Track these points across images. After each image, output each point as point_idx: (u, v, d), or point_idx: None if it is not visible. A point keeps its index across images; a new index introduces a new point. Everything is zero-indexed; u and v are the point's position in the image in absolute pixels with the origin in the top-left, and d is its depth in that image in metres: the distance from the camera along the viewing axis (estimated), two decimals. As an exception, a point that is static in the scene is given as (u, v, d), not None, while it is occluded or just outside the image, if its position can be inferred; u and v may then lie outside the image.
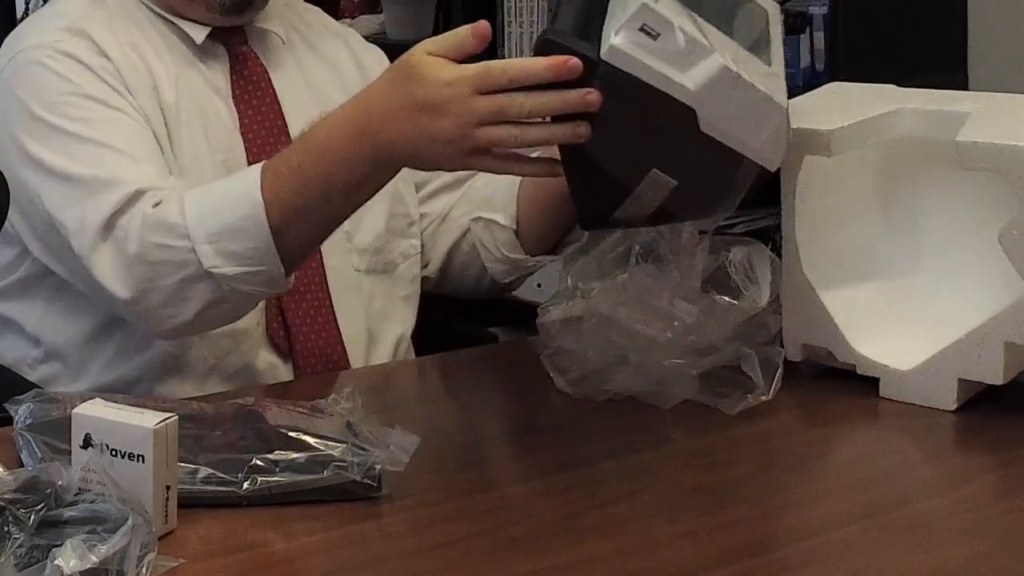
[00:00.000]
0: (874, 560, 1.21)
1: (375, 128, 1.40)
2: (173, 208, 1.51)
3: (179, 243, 1.50)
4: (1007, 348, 1.47)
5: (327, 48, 1.84)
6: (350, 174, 1.43)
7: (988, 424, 1.48)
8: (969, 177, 1.52)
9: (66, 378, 1.68)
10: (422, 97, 1.35)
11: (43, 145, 1.59)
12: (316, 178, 1.45)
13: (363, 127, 1.41)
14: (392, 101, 1.38)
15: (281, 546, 1.23)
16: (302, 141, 1.49)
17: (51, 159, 1.58)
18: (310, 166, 1.45)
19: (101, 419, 1.22)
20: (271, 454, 1.30)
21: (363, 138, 1.41)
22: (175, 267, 1.50)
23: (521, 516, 1.29)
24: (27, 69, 1.64)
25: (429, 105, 1.35)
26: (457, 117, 1.34)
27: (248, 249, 1.49)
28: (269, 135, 1.72)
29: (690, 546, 1.23)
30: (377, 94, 1.41)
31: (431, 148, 1.36)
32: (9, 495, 1.13)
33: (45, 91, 1.62)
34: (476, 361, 1.72)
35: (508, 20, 3.33)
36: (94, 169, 1.56)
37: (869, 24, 2.84)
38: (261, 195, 1.48)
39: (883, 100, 1.62)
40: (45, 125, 1.60)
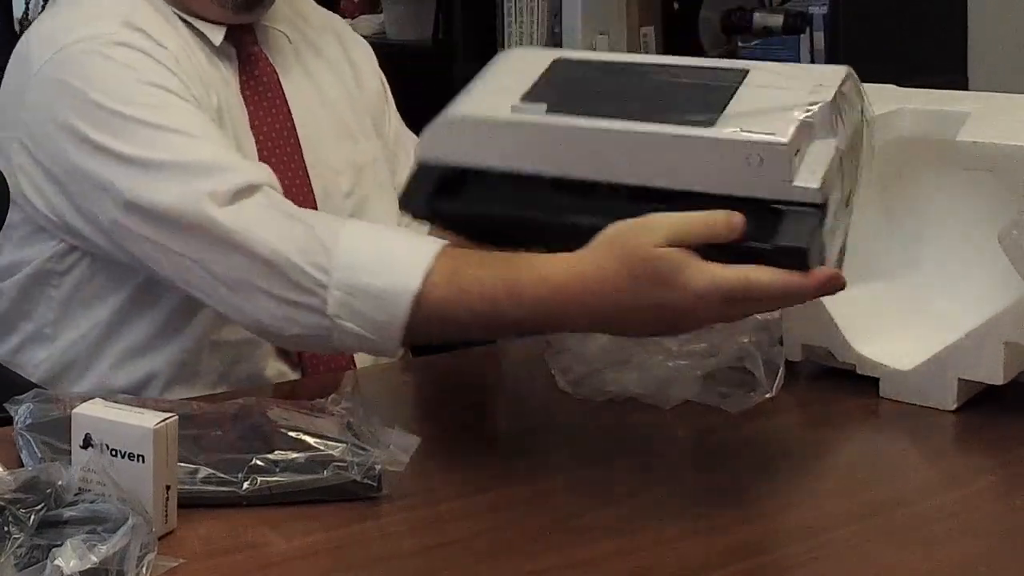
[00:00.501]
0: (874, 560, 1.21)
1: (607, 312, 1.31)
2: (328, 231, 1.46)
3: (316, 273, 1.43)
4: (1007, 348, 1.47)
5: (321, 43, 1.84)
6: (541, 328, 1.40)
7: (988, 424, 1.48)
8: (969, 177, 1.52)
9: (71, 379, 1.67)
10: (670, 303, 1.27)
11: (109, 133, 1.53)
12: (501, 316, 1.36)
13: (593, 309, 1.31)
14: (635, 301, 1.29)
15: (281, 546, 1.23)
16: (508, 270, 1.36)
17: (120, 146, 1.52)
18: (503, 301, 1.35)
19: (101, 419, 1.22)
20: (271, 454, 1.30)
21: (585, 313, 1.32)
22: (298, 289, 1.44)
23: (521, 516, 1.28)
24: (82, 59, 1.58)
25: (675, 312, 1.28)
26: (701, 321, 1.32)
27: (376, 321, 1.42)
28: (279, 136, 1.71)
29: (690, 546, 1.23)
30: (618, 287, 1.29)
31: (664, 335, 1.42)
32: (9, 495, 1.13)
33: (106, 79, 1.56)
34: (476, 361, 1.72)
35: (508, 20, 3.32)
36: (177, 155, 1.51)
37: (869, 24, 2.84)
38: (421, 284, 1.39)
39: (883, 100, 1.62)
40: (108, 112, 1.54)
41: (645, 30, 3.27)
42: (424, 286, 1.39)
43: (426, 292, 1.39)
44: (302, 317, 1.45)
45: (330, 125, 1.78)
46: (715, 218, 1.27)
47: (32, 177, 1.59)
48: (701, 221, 1.27)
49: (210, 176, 1.48)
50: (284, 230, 1.46)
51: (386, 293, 1.41)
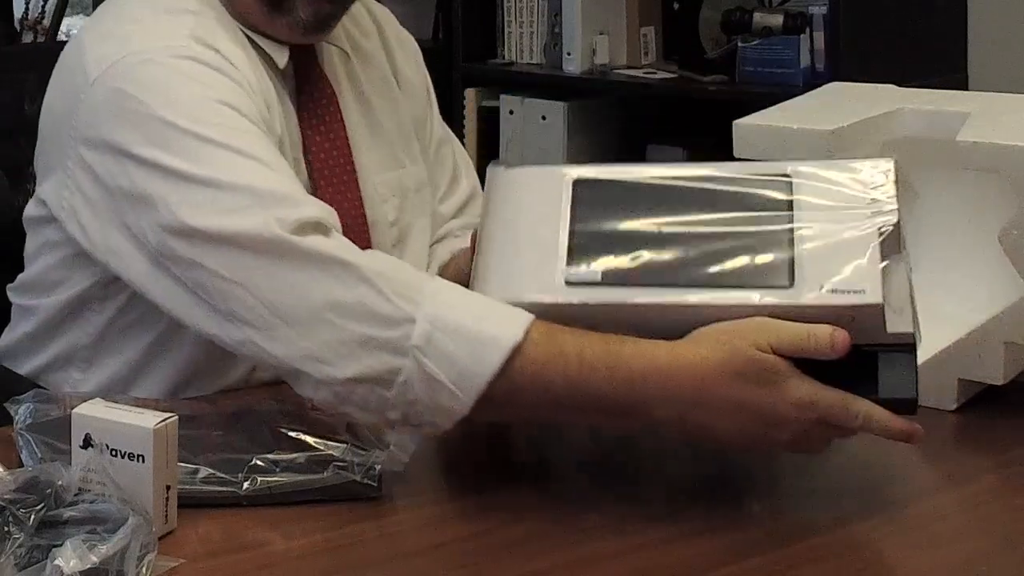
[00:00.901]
0: (875, 560, 1.21)
1: (704, 404, 1.27)
2: (410, 269, 1.37)
3: (403, 303, 1.30)
4: (1007, 348, 1.48)
5: (369, 47, 1.75)
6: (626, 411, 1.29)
7: (988, 424, 1.48)
8: (969, 177, 1.52)
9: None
10: (769, 408, 1.26)
11: (170, 150, 1.41)
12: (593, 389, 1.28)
13: (689, 398, 1.27)
14: (735, 397, 1.26)
15: (281, 546, 1.23)
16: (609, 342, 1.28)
17: (180, 164, 1.40)
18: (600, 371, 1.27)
19: (101, 419, 1.22)
20: (271, 454, 1.30)
21: (680, 400, 1.27)
22: (378, 321, 1.30)
23: (521, 516, 1.28)
24: (148, 70, 1.47)
25: (771, 418, 1.26)
26: (793, 435, 1.27)
27: (463, 367, 1.28)
28: (336, 164, 1.63)
29: (690, 546, 1.23)
30: (721, 381, 1.26)
31: (757, 445, 1.31)
32: (9, 495, 1.13)
33: (174, 93, 1.45)
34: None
35: (508, 20, 3.33)
36: (250, 180, 1.39)
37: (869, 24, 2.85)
38: (523, 334, 1.28)
39: (883, 100, 1.62)
40: (173, 129, 1.42)
41: (645, 30, 3.27)
42: (525, 337, 1.28)
43: (525, 345, 1.28)
44: (370, 354, 1.30)
45: (379, 149, 1.70)
46: (818, 332, 1.26)
47: (81, 188, 1.49)
48: (805, 333, 1.26)
49: (281, 206, 1.37)
50: (364, 262, 1.34)
51: (483, 336, 1.28)
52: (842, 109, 1.60)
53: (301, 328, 1.32)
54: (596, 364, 1.27)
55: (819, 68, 2.88)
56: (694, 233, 1.32)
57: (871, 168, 1.33)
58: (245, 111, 1.47)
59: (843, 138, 1.54)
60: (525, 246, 1.34)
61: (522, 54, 3.31)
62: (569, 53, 3.21)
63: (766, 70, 2.94)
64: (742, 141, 1.57)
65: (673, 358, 1.27)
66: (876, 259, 1.27)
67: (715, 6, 3.06)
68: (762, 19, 2.94)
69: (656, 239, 1.32)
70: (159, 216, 1.40)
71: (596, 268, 1.31)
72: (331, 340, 1.31)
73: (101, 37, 1.55)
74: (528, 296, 1.31)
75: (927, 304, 1.56)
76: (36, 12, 3.98)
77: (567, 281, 1.31)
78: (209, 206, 1.38)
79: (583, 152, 3.23)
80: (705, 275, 1.29)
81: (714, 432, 1.28)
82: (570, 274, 1.31)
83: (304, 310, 1.32)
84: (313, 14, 1.58)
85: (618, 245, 1.32)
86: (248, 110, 1.47)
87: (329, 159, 1.64)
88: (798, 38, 2.89)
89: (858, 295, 1.26)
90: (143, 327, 1.56)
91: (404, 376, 1.29)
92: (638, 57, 3.25)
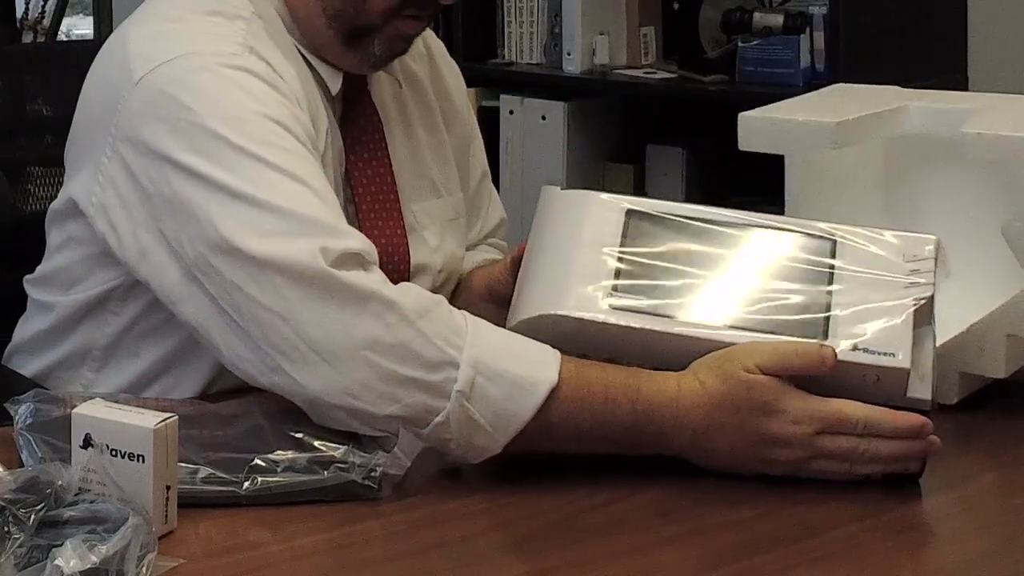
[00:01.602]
0: (874, 560, 1.21)
1: (709, 430, 1.33)
2: (448, 308, 1.36)
3: (445, 346, 1.31)
4: (1009, 341, 1.48)
5: (419, 73, 1.73)
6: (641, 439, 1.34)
7: (989, 423, 1.48)
8: (972, 173, 1.52)
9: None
10: (767, 432, 1.32)
11: (217, 162, 1.38)
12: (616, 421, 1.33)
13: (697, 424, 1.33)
14: (735, 422, 1.32)
15: (281, 546, 1.23)
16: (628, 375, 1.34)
17: (226, 178, 1.37)
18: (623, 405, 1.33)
19: (101, 419, 1.22)
20: (271, 454, 1.30)
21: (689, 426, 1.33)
22: (421, 364, 1.31)
23: (521, 516, 1.28)
24: (198, 75, 1.43)
25: (770, 437, 1.32)
26: (798, 451, 1.33)
27: (503, 410, 1.31)
28: (379, 191, 1.62)
29: (690, 546, 1.23)
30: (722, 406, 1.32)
31: (760, 467, 1.34)
32: (9, 495, 1.13)
33: (224, 102, 1.41)
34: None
35: (508, 20, 3.33)
36: (293, 203, 1.36)
37: (869, 24, 2.84)
38: (558, 376, 1.32)
39: (886, 100, 1.62)
40: (220, 140, 1.39)
41: (645, 30, 3.27)
42: (559, 378, 1.32)
43: (560, 387, 1.32)
44: (411, 395, 1.31)
45: (419, 177, 1.69)
46: (806, 348, 1.33)
47: (116, 185, 1.46)
48: (792, 349, 1.33)
49: (325, 235, 1.34)
50: (408, 302, 1.33)
51: (524, 381, 1.31)
52: (847, 106, 1.60)
53: (340, 365, 1.31)
54: (620, 399, 1.33)
55: (819, 68, 2.88)
56: (737, 276, 1.39)
57: (915, 241, 1.40)
58: (294, 130, 1.44)
59: (848, 131, 1.54)
60: (574, 265, 1.39)
61: (522, 54, 3.31)
62: (569, 53, 3.21)
63: (766, 70, 2.94)
64: (746, 133, 1.57)
65: (681, 389, 1.33)
66: (909, 327, 1.34)
67: (715, 6, 3.06)
68: (762, 19, 2.94)
69: (700, 276, 1.38)
70: (201, 229, 1.37)
71: (640, 295, 1.37)
72: (370, 379, 1.31)
73: (149, 36, 1.51)
74: (573, 312, 1.36)
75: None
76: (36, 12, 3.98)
77: (612, 305, 1.36)
78: (253, 226, 1.35)
79: (583, 152, 3.23)
80: (743, 318, 1.36)
81: (727, 456, 1.34)
82: (615, 297, 1.36)
83: (344, 347, 1.31)
84: (388, 50, 1.58)
85: (663, 277, 1.38)
86: (297, 129, 1.45)
87: (372, 185, 1.62)
88: (798, 38, 2.89)
89: (888, 357, 1.32)
90: (162, 335, 1.53)
91: (442, 418, 1.31)
92: (638, 57, 3.25)
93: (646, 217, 1.41)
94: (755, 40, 2.95)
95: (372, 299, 1.32)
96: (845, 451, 1.32)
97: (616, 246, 1.39)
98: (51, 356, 1.62)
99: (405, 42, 1.59)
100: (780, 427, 1.32)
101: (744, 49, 2.97)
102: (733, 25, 2.98)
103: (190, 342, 1.49)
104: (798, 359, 1.32)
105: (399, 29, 1.55)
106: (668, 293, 1.37)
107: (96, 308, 1.57)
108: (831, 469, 1.33)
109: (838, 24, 2.82)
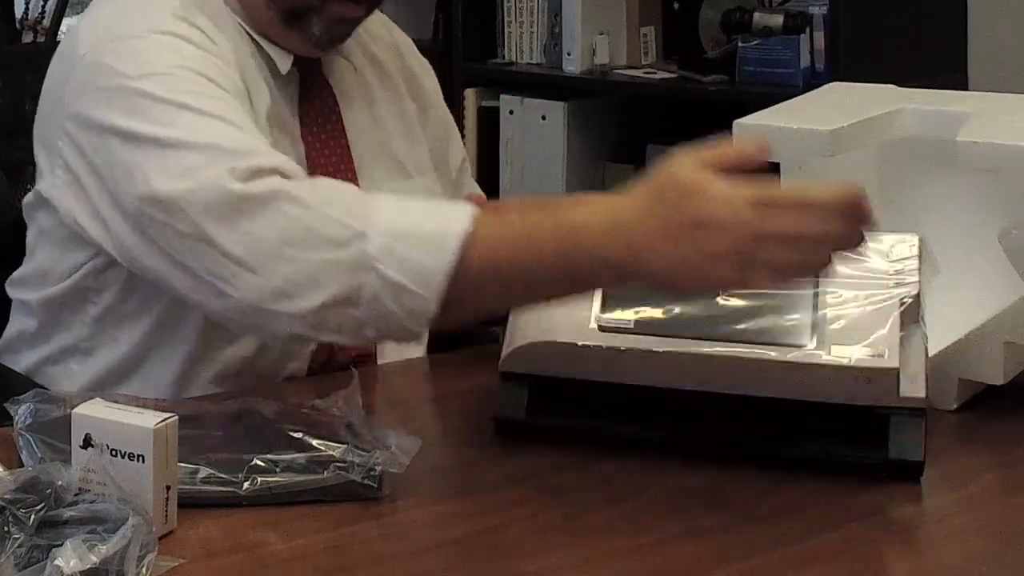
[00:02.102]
0: (874, 560, 1.21)
1: (635, 256, 1.25)
2: (355, 190, 1.42)
3: (351, 221, 1.33)
4: (1007, 348, 1.48)
5: (388, 64, 1.79)
6: (578, 273, 1.28)
7: (988, 424, 1.48)
8: (969, 177, 1.52)
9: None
10: (700, 215, 1.22)
11: (145, 118, 1.46)
12: (546, 260, 1.29)
13: (630, 237, 1.25)
14: (661, 224, 1.24)
15: (281, 546, 1.23)
16: (553, 210, 1.30)
17: (155, 130, 1.44)
18: (548, 243, 1.28)
19: (101, 419, 1.22)
20: (271, 454, 1.30)
21: (623, 242, 1.25)
22: (331, 244, 1.33)
23: (521, 516, 1.28)
24: (125, 45, 1.52)
25: (706, 223, 1.22)
26: (739, 235, 1.21)
27: (422, 266, 1.31)
28: (336, 171, 1.66)
29: (690, 546, 1.23)
30: (642, 218, 1.25)
31: (704, 266, 1.23)
32: (9, 495, 1.13)
33: (149, 63, 1.49)
34: (477, 361, 1.72)
35: (508, 20, 3.33)
36: (214, 138, 1.42)
37: (869, 24, 2.84)
38: (471, 223, 1.31)
39: (883, 100, 1.62)
40: (146, 97, 1.47)
41: (645, 30, 3.27)
42: (473, 225, 1.31)
43: (475, 231, 1.31)
44: (332, 277, 1.33)
45: (386, 160, 1.74)
46: (742, 144, 1.31)
47: (69, 164, 1.54)
48: (731, 148, 1.27)
49: (237, 157, 1.40)
50: (308, 192, 1.37)
51: (435, 234, 1.31)
52: (843, 109, 1.60)
53: (264, 270, 1.35)
54: (541, 223, 1.29)
55: (819, 68, 2.88)
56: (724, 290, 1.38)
57: (897, 241, 1.40)
58: (222, 84, 1.51)
59: (843, 138, 1.54)
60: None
61: (522, 54, 3.31)
62: (569, 53, 3.21)
63: (766, 70, 2.94)
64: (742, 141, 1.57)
65: (609, 199, 1.29)
66: (896, 327, 1.34)
67: (715, 6, 3.06)
68: (762, 19, 2.94)
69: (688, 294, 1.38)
70: (135, 185, 1.44)
71: (629, 316, 1.39)
72: (293, 273, 1.34)
73: (94, 20, 1.61)
74: (562, 337, 1.38)
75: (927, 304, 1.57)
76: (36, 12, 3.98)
77: (600, 327, 1.38)
78: (172, 169, 1.42)
79: (583, 152, 3.23)
80: (732, 330, 1.37)
81: (667, 261, 1.24)
82: (604, 320, 1.38)
83: (262, 252, 1.36)
84: (327, 31, 1.63)
85: (651, 297, 1.39)
86: (226, 83, 1.51)
87: (329, 164, 1.67)
88: (798, 38, 2.89)
89: (876, 358, 1.33)
90: (138, 316, 1.59)
91: (369, 291, 1.32)
92: (638, 57, 3.26)
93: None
94: (755, 40, 2.95)
95: (276, 199, 1.36)
96: (791, 231, 1.21)
97: None
98: (37, 354, 1.67)
99: (346, 25, 1.65)
100: (711, 207, 1.22)
101: (744, 49, 2.97)
102: (733, 25, 2.98)
103: (167, 319, 1.57)
104: (735, 152, 1.26)
105: (336, 12, 1.61)
106: (656, 311, 1.38)
107: (73, 300, 1.63)
108: (782, 260, 1.22)
109: (838, 24, 2.82)
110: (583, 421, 1.43)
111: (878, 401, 1.34)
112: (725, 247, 1.22)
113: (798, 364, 1.34)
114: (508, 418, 1.43)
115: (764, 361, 1.34)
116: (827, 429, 1.36)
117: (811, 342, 1.34)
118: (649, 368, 1.37)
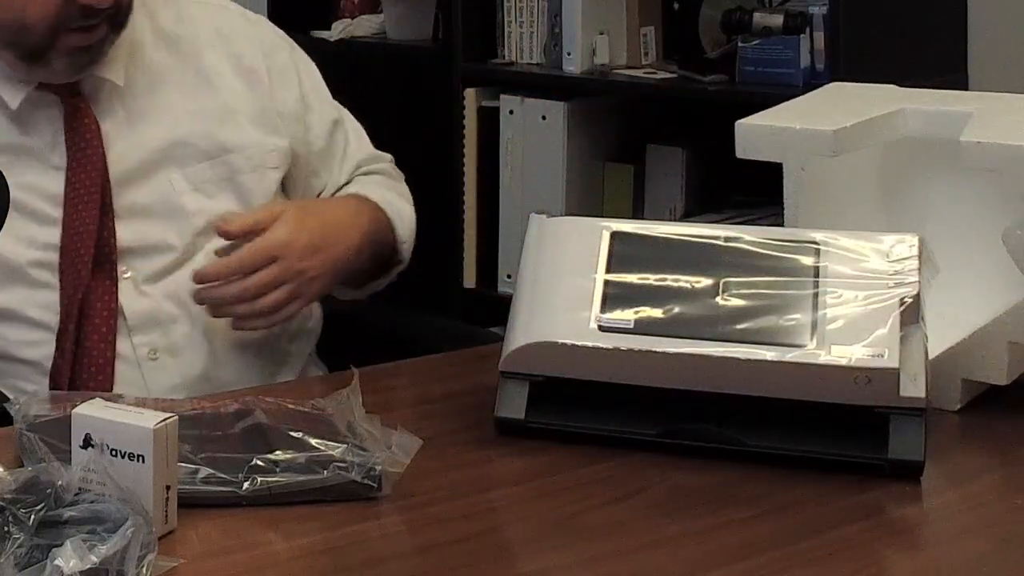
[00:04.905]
0: (875, 560, 1.21)
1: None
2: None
3: None
4: (1011, 348, 1.48)
5: (205, 54, 1.80)
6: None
7: (991, 424, 1.48)
8: (972, 177, 1.52)
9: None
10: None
11: None
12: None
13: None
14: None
15: (281, 546, 1.23)
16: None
17: None
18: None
19: (101, 419, 1.22)
20: (271, 454, 1.30)
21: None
22: None
23: (521, 516, 1.28)
24: None
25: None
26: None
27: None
28: (86, 189, 1.69)
29: (690, 546, 1.23)
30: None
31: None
32: (9, 495, 1.13)
33: None
34: (476, 361, 1.72)
35: (508, 20, 3.32)
36: None
37: (869, 24, 2.84)
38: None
39: (885, 100, 1.62)
40: None
41: (645, 30, 3.27)
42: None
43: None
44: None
45: (181, 148, 1.75)
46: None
47: None
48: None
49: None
50: None
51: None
52: (844, 109, 1.59)
53: None
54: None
55: (819, 68, 2.87)
56: (723, 290, 1.39)
57: (897, 241, 1.40)
58: None
59: (845, 138, 1.53)
60: (562, 292, 1.42)
61: (522, 54, 3.31)
62: (569, 53, 3.21)
63: (766, 70, 2.93)
64: (744, 141, 1.57)
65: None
66: (896, 327, 1.34)
67: (715, 6, 3.06)
68: (762, 19, 2.93)
69: (687, 293, 1.40)
70: None
71: (628, 317, 1.39)
72: None
73: None
74: (562, 337, 1.39)
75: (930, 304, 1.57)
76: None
77: (600, 327, 1.38)
78: None
79: (583, 152, 3.23)
80: (731, 330, 1.37)
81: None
82: (603, 320, 1.39)
83: None
84: (70, 65, 1.65)
85: (650, 297, 1.40)
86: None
87: (81, 187, 1.68)
88: (798, 38, 2.88)
89: (876, 358, 1.33)
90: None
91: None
92: (638, 57, 3.25)
93: (631, 238, 1.44)
94: (755, 40, 2.94)
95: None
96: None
97: (603, 269, 1.42)
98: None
99: (88, 53, 1.65)
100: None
101: (744, 49, 2.97)
102: (733, 25, 2.97)
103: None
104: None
105: (71, 43, 1.62)
106: (656, 312, 1.39)
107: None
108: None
109: (838, 24, 2.82)
110: (583, 421, 1.43)
111: (878, 401, 1.34)
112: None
113: (798, 364, 1.34)
114: (508, 418, 1.43)
115: (764, 361, 1.35)
116: (827, 429, 1.36)
117: (811, 342, 1.34)
118: (649, 368, 1.37)
